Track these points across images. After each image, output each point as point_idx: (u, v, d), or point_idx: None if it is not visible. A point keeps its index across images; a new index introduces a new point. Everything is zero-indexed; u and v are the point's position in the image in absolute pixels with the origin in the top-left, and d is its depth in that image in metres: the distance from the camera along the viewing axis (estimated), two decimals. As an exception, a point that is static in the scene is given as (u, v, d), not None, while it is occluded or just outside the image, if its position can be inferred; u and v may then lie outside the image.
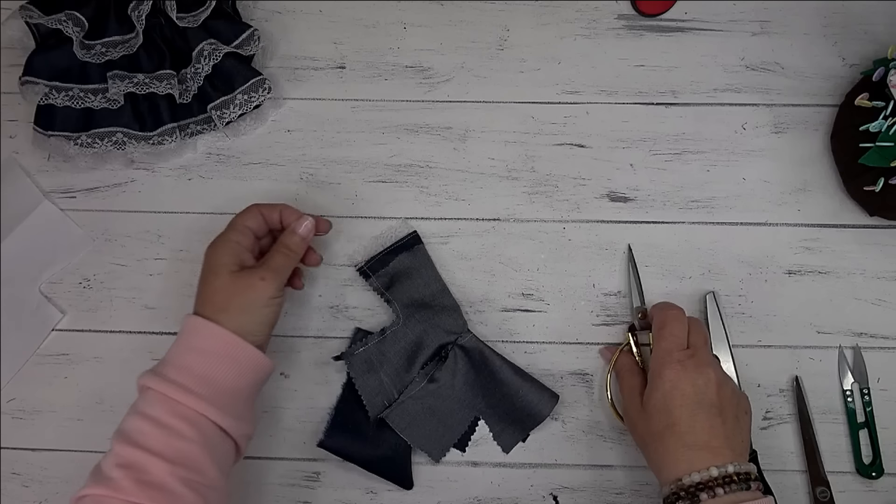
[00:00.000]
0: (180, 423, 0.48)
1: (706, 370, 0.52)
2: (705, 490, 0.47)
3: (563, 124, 0.66)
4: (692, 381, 0.51)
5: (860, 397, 0.60)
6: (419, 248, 0.62)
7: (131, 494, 0.45)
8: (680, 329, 0.55)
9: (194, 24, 0.64)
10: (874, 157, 0.57)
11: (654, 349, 0.55)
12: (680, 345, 0.54)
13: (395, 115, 0.67)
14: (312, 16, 0.70)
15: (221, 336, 0.51)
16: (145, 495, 0.45)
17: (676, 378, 0.52)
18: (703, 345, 0.54)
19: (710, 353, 0.56)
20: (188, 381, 0.49)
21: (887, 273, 0.63)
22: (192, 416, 0.48)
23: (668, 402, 0.51)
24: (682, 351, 0.53)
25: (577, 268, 0.64)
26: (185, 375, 0.50)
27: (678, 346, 0.54)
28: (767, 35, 0.68)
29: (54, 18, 0.62)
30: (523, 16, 0.69)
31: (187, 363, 0.50)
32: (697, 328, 0.56)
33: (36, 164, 0.67)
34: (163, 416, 0.48)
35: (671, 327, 0.54)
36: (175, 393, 0.49)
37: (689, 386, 0.51)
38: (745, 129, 0.66)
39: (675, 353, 0.53)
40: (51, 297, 0.64)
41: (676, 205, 0.65)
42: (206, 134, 0.67)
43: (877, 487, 0.59)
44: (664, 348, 0.54)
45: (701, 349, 0.54)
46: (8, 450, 0.62)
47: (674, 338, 0.54)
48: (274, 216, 0.57)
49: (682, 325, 0.55)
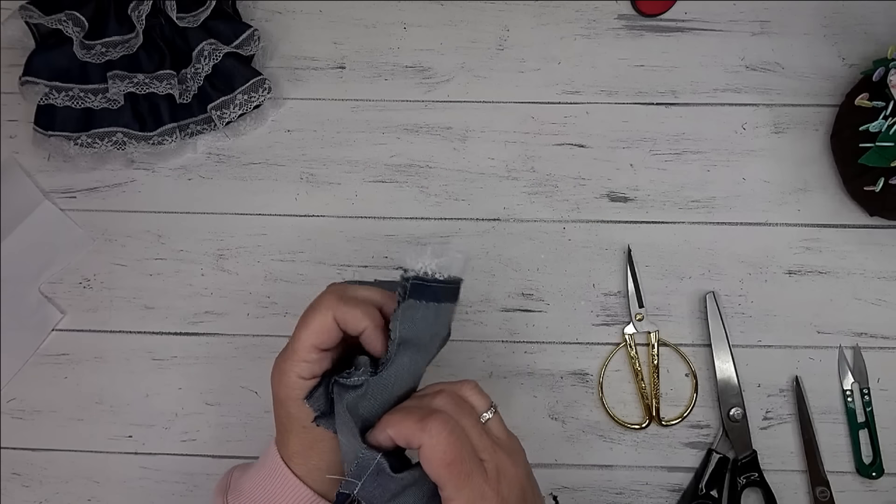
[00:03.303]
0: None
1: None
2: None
3: (563, 124, 0.66)
4: (517, 497, 0.39)
5: (860, 397, 0.60)
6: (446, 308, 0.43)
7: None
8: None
9: (194, 24, 0.64)
10: (874, 157, 0.57)
11: (446, 490, 0.37)
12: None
13: (395, 115, 0.67)
14: (312, 16, 0.70)
15: (301, 498, 0.43)
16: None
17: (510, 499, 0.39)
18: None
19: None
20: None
21: (887, 273, 0.63)
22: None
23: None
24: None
25: (577, 268, 0.64)
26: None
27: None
28: (767, 35, 0.68)
29: (54, 18, 0.62)
30: (523, 16, 0.69)
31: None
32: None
33: (36, 164, 0.67)
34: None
35: (454, 448, 0.37)
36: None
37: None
38: (745, 129, 0.66)
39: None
40: (51, 297, 0.64)
41: (676, 205, 0.65)
42: (206, 134, 0.67)
43: (877, 487, 0.59)
44: (465, 482, 0.37)
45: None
46: (8, 450, 0.62)
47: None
48: (358, 327, 0.41)
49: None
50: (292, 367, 0.41)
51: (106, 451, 0.62)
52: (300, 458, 0.43)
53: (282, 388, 0.42)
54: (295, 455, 0.43)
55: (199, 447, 0.62)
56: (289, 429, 0.43)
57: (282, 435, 0.44)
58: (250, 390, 0.62)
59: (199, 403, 0.62)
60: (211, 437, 0.62)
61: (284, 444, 0.44)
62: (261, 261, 0.65)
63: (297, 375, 0.41)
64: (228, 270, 0.65)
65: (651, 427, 0.61)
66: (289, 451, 0.44)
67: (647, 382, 0.61)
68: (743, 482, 0.58)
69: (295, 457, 0.43)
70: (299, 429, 0.43)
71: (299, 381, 0.41)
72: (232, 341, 0.63)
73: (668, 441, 0.60)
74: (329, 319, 0.41)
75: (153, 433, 0.62)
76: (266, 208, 0.66)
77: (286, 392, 0.42)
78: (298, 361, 0.41)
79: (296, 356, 0.41)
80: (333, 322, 0.41)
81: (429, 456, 0.36)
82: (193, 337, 0.63)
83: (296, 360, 0.41)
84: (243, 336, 0.63)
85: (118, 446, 0.62)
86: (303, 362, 0.41)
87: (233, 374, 0.63)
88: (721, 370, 0.60)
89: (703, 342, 0.62)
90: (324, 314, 0.41)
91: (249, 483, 0.45)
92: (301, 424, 0.42)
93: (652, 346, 0.61)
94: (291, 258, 0.65)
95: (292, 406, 0.42)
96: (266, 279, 0.64)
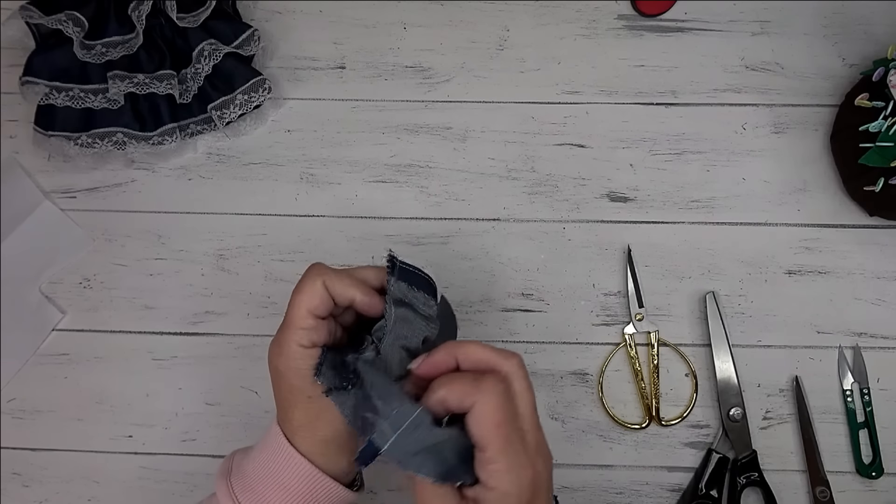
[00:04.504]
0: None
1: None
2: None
3: (563, 124, 0.66)
4: (545, 474, 0.39)
5: (860, 397, 0.60)
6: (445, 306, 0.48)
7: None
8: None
9: (194, 24, 0.64)
10: (874, 157, 0.57)
11: (490, 449, 0.37)
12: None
13: (395, 115, 0.67)
14: (312, 16, 0.70)
15: (306, 475, 0.43)
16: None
17: (539, 475, 0.38)
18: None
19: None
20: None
21: (887, 273, 0.63)
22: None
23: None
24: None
25: (577, 268, 0.64)
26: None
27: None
28: (767, 35, 0.68)
29: (54, 18, 0.62)
30: (523, 16, 0.69)
31: (266, 497, 0.43)
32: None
33: (36, 164, 0.67)
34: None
35: (505, 411, 0.37)
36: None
37: (542, 486, 0.39)
38: (745, 129, 0.66)
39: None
40: (51, 297, 0.64)
41: (676, 205, 0.65)
42: (207, 134, 0.67)
43: (877, 487, 0.59)
44: (511, 446, 0.37)
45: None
46: (8, 450, 0.62)
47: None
48: (343, 297, 0.42)
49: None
50: (291, 336, 0.42)
51: (106, 451, 0.62)
52: (306, 431, 0.43)
53: (282, 359, 0.42)
54: (300, 428, 0.43)
55: (199, 447, 0.62)
56: (292, 402, 0.43)
57: (285, 411, 0.44)
58: (250, 390, 0.62)
59: (199, 403, 0.62)
60: (211, 437, 0.62)
61: (288, 420, 0.43)
62: (261, 261, 0.65)
63: (296, 344, 0.41)
64: (228, 270, 0.65)
65: (651, 427, 0.61)
66: (293, 426, 0.43)
67: (646, 382, 0.61)
68: (743, 482, 0.58)
69: (300, 430, 0.43)
70: (304, 400, 0.42)
71: (299, 349, 0.41)
72: (232, 341, 0.63)
73: (668, 441, 0.60)
74: (319, 285, 0.42)
75: (153, 433, 0.62)
76: (266, 208, 0.66)
77: (286, 363, 0.42)
78: (296, 329, 0.42)
79: (293, 325, 0.42)
80: (324, 288, 0.42)
81: (481, 414, 0.36)
82: (193, 337, 0.63)
83: (293, 328, 0.42)
84: (243, 336, 0.63)
85: (118, 446, 0.62)
86: (300, 329, 0.41)
87: (233, 374, 0.63)
88: (721, 370, 0.60)
89: (703, 342, 0.62)
90: (314, 280, 0.42)
91: (252, 464, 0.45)
92: (306, 395, 0.42)
93: (652, 346, 0.61)
94: (291, 258, 0.65)
95: (294, 377, 0.42)
96: (266, 279, 0.64)
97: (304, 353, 0.42)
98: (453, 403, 0.38)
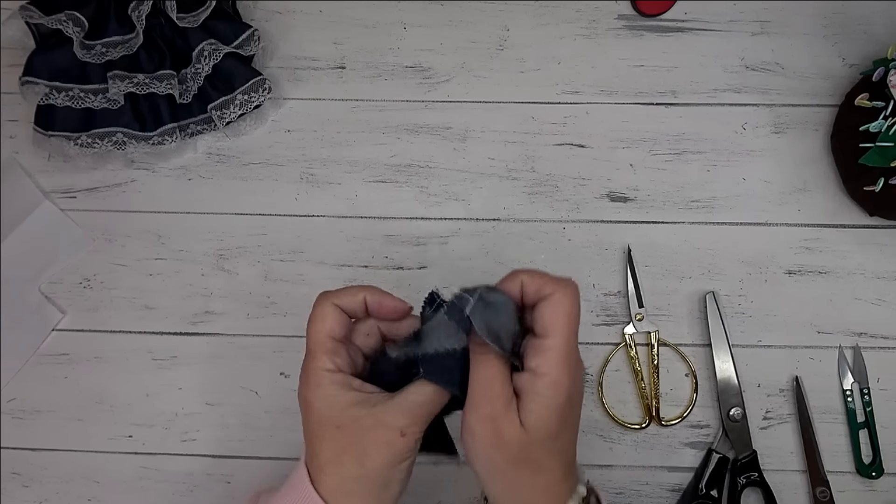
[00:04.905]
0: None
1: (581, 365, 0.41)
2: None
3: (563, 124, 0.66)
4: (581, 386, 0.41)
5: (860, 397, 0.60)
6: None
7: None
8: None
9: (194, 24, 0.64)
10: (874, 157, 0.57)
11: (555, 337, 0.39)
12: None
13: (395, 115, 0.67)
14: (312, 16, 0.70)
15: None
16: None
17: (580, 379, 0.40)
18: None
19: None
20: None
21: (887, 273, 0.63)
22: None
23: (564, 415, 0.39)
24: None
25: (577, 268, 0.64)
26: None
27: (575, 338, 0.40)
28: (767, 35, 0.68)
29: (54, 18, 0.62)
30: (523, 16, 0.69)
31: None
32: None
33: (36, 164, 0.67)
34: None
35: (577, 309, 0.40)
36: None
37: (579, 394, 0.40)
38: (745, 129, 0.66)
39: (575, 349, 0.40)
40: (51, 297, 0.64)
41: (676, 205, 0.65)
42: (206, 134, 0.67)
43: (877, 487, 0.59)
44: (570, 340, 0.39)
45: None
46: (8, 450, 0.62)
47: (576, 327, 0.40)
48: (354, 303, 0.43)
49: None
50: (314, 363, 0.41)
51: (106, 451, 0.62)
52: (333, 468, 0.40)
53: (310, 388, 0.41)
54: (327, 465, 0.40)
55: (199, 447, 0.62)
56: (321, 435, 0.41)
57: (312, 446, 0.41)
58: (250, 390, 0.62)
59: (199, 403, 0.62)
60: (211, 437, 0.62)
61: (315, 456, 0.41)
62: (261, 261, 0.65)
63: (321, 370, 0.41)
64: (228, 270, 0.65)
65: (651, 427, 0.61)
66: (320, 462, 0.41)
67: (646, 382, 0.61)
68: (743, 482, 0.58)
69: (327, 467, 0.41)
70: (332, 430, 0.40)
71: (325, 374, 0.41)
72: (232, 341, 0.63)
73: (668, 441, 0.60)
74: (328, 306, 0.42)
75: (153, 433, 0.62)
76: (266, 208, 0.66)
77: (314, 392, 0.41)
78: (318, 355, 0.41)
79: (314, 352, 0.41)
80: (333, 307, 0.42)
81: (557, 301, 0.39)
82: (193, 337, 0.64)
83: (315, 355, 0.41)
84: (243, 336, 0.63)
85: (118, 446, 0.62)
86: (322, 354, 0.41)
87: (233, 374, 0.63)
88: (721, 370, 0.60)
89: (703, 342, 0.62)
90: (322, 304, 0.42)
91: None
92: (334, 424, 0.40)
93: (652, 346, 0.61)
94: (291, 258, 0.65)
95: (322, 405, 0.40)
96: (266, 279, 0.64)
97: (331, 377, 0.41)
98: (531, 289, 0.40)
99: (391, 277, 0.64)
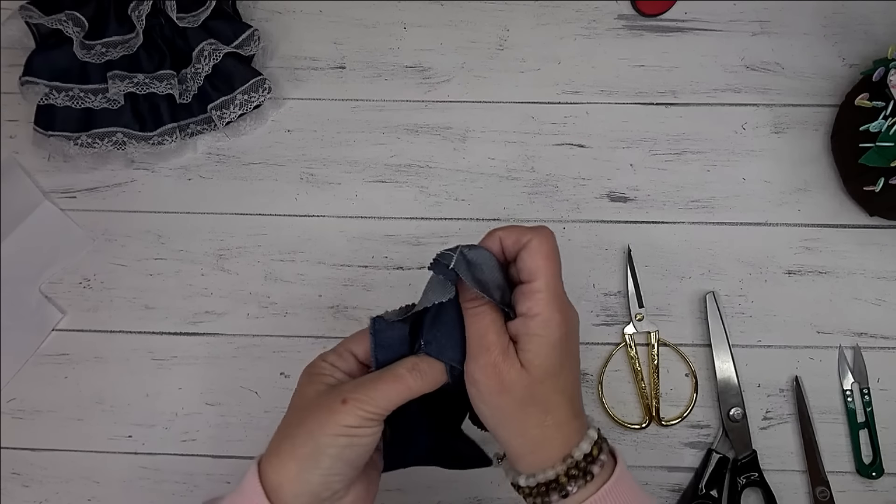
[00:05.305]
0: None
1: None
2: (595, 462, 0.40)
3: (563, 124, 0.66)
4: (575, 326, 0.41)
5: (860, 397, 0.60)
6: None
7: None
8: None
9: (194, 24, 0.64)
10: (874, 157, 0.57)
11: (540, 279, 0.40)
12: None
13: (395, 115, 0.67)
14: (312, 16, 0.70)
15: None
16: None
17: (573, 318, 0.41)
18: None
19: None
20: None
21: (887, 273, 0.63)
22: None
23: (562, 353, 0.40)
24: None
25: (577, 268, 0.64)
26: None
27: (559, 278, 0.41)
28: (767, 35, 0.68)
29: (54, 18, 0.62)
30: (523, 16, 0.69)
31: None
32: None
33: (36, 164, 0.67)
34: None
35: (556, 251, 0.41)
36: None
37: (574, 332, 0.41)
38: (745, 129, 0.66)
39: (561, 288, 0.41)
40: (51, 297, 0.64)
41: (676, 205, 0.65)
42: (206, 134, 0.67)
43: (877, 487, 0.59)
44: (555, 281, 0.40)
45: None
46: (8, 450, 0.62)
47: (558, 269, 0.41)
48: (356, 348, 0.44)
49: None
50: (323, 356, 0.43)
51: (106, 451, 0.62)
52: (274, 442, 0.40)
53: (302, 375, 0.42)
54: (273, 455, 0.39)
55: (199, 447, 0.62)
56: (292, 406, 0.41)
57: (290, 439, 0.39)
58: (250, 390, 0.62)
59: (199, 403, 0.62)
60: (211, 437, 0.62)
61: (273, 439, 0.40)
62: (261, 261, 0.65)
63: (320, 359, 0.42)
64: (228, 270, 0.65)
65: (651, 427, 0.61)
66: (271, 448, 0.40)
67: (646, 382, 0.61)
68: (743, 482, 0.58)
69: (272, 443, 0.40)
70: (293, 410, 0.41)
71: (324, 364, 0.42)
72: (232, 341, 0.63)
73: (668, 441, 0.60)
74: (317, 360, 0.43)
75: (153, 433, 0.62)
76: (266, 208, 0.66)
77: (307, 373, 0.42)
78: (330, 353, 0.43)
79: (331, 352, 0.43)
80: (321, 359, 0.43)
81: (536, 247, 0.40)
82: (193, 337, 0.64)
83: (328, 353, 0.43)
84: (243, 336, 0.63)
85: (118, 446, 0.62)
86: (335, 355, 0.43)
87: (233, 374, 0.63)
88: (721, 370, 0.60)
89: (703, 342, 0.62)
90: (310, 367, 0.43)
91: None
92: (299, 406, 0.41)
93: (652, 346, 0.61)
94: (291, 258, 0.65)
95: (308, 383, 0.41)
96: (266, 279, 0.64)
97: (329, 368, 0.42)
98: (509, 242, 0.41)
99: (391, 277, 0.64)
